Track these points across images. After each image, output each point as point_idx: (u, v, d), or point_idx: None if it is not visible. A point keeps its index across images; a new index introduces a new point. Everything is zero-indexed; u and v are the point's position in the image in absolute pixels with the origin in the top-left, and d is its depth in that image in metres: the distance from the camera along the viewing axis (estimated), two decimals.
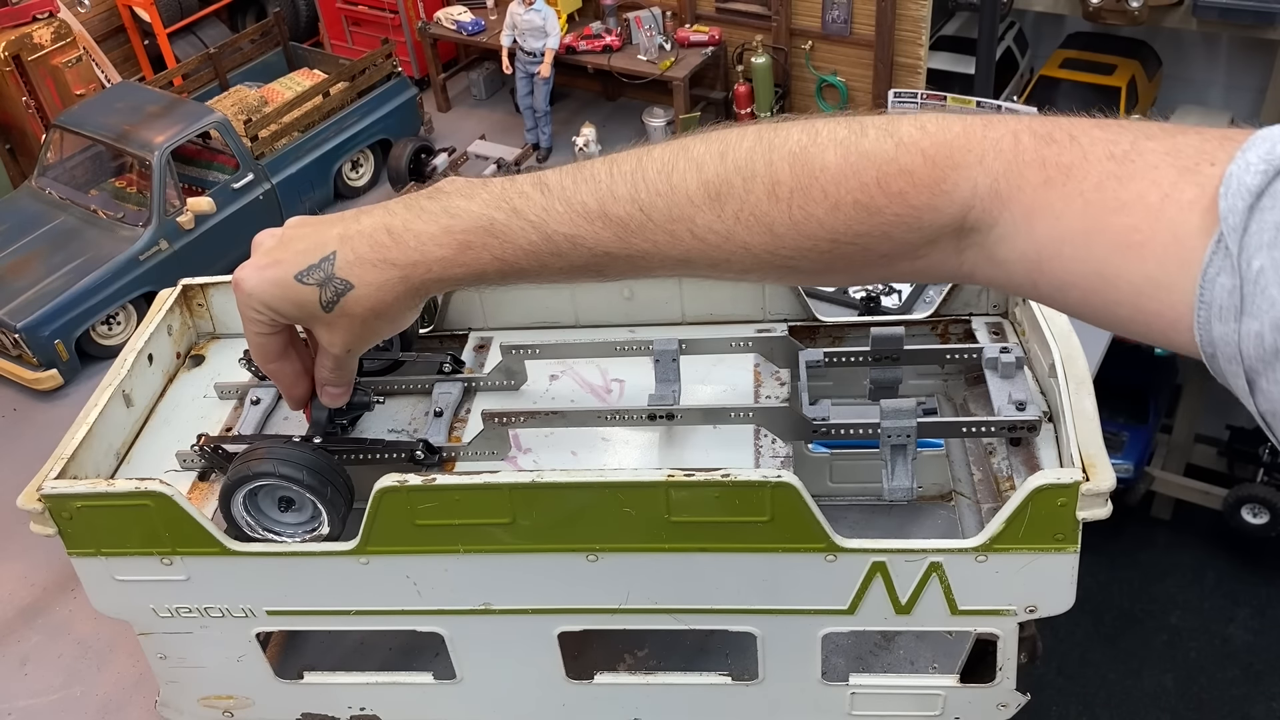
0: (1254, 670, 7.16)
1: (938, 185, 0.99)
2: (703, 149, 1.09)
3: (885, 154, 1.01)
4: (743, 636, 2.08)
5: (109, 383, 2.19)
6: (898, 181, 1.00)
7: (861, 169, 1.01)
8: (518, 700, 2.23)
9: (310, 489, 1.89)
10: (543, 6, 5.78)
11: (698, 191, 1.07)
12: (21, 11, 5.49)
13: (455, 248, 1.20)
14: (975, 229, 1.00)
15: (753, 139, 1.07)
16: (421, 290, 1.27)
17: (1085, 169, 0.92)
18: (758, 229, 1.06)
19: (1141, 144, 0.91)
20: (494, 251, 1.18)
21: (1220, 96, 6.93)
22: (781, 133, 1.06)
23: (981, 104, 5.47)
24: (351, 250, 1.26)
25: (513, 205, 1.16)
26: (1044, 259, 0.95)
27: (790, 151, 1.04)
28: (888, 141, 1.01)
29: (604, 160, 1.15)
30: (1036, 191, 0.94)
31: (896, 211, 1.01)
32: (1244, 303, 0.80)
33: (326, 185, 5.71)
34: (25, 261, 4.76)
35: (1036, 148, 0.95)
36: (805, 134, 1.05)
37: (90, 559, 2.01)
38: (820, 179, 1.02)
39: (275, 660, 2.31)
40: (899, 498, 1.97)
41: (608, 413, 2.10)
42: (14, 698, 3.05)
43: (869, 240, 1.03)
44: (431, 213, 1.21)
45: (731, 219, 1.07)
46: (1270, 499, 7.30)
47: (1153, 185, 0.88)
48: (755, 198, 1.05)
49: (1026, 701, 2.13)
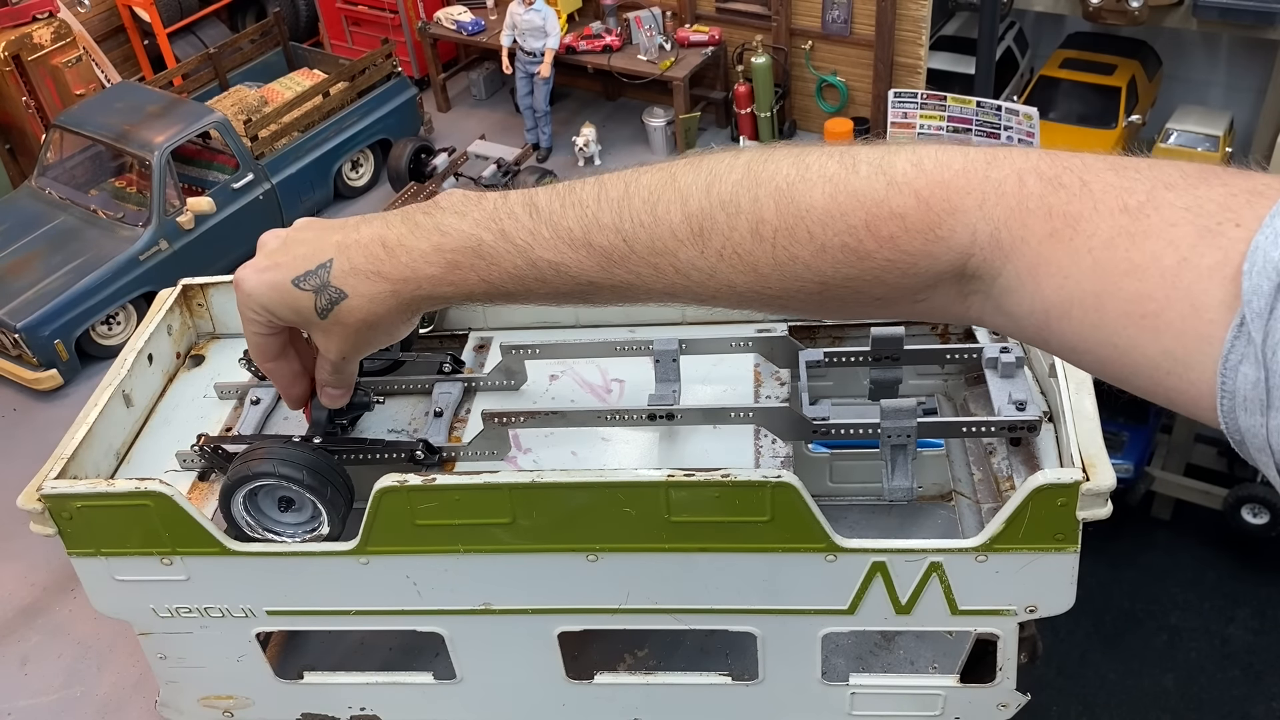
0: (1254, 670, 7.16)
1: (932, 230, 0.92)
2: (690, 179, 1.04)
3: (875, 195, 0.94)
4: (743, 636, 2.07)
5: (109, 383, 2.19)
6: (888, 225, 0.93)
7: (849, 211, 0.95)
8: (518, 700, 2.23)
9: (310, 489, 1.89)
10: (543, 6, 5.78)
11: (681, 226, 1.03)
12: (21, 11, 5.49)
13: (444, 266, 1.19)
14: (977, 277, 0.93)
15: (741, 171, 1.02)
16: (412, 305, 1.26)
17: (1095, 221, 0.84)
18: (741, 268, 1.01)
19: (1159, 195, 0.82)
20: (480, 273, 1.17)
21: (1220, 96, 6.94)
22: (770, 165, 1.00)
23: (982, 104, 5.47)
24: (348, 260, 1.26)
25: (501, 227, 1.14)
26: (1052, 319, 0.88)
27: (777, 187, 0.98)
28: (879, 180, 0.94)
29: (594, 182, 1.11)
30: (1042, 245, 0.87)
31: (888, 257, 0.94)
32: (1270, 395, 0.72)
33: (326, 185, 5.71)
34: (25, 261, 4.77)
35: (1043, 193, 0.87)
36: (794, 168, 0.99)
37: (90, 559, 2.01)
38: (806, 219, 0.96)
39: (275, 660, 2.31)
40: (899, 498, 1.97)
41: (608, 413, 2.10)
42: (14, 698, 3.05)
43: (859, 284, 0.98)
44: (425, 229, 1.20)
45: (714, 256, 1.02)
46: (1270, 499, 7.30)
47: (1169, 246, 0.79)
48: (739, 235, 1.00)
49: (1026, 701, 2.13)
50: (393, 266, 1.22)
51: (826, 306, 1.03)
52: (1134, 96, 6.53)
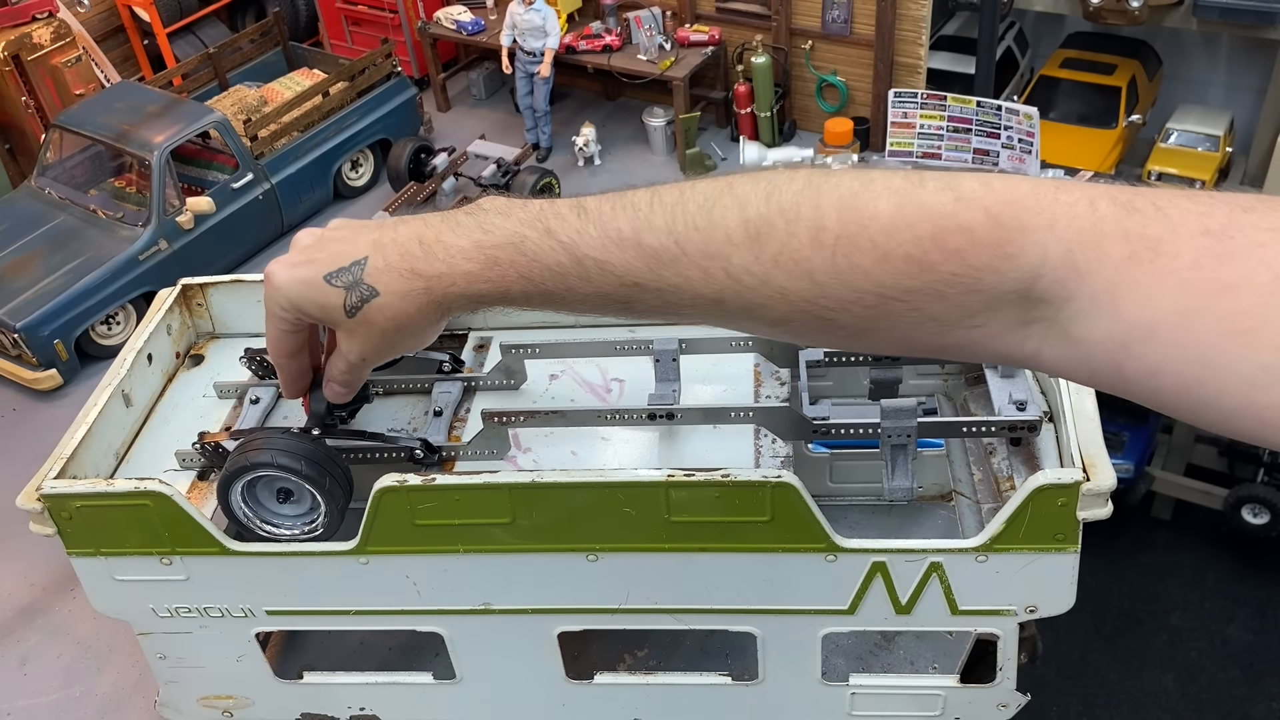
0: (1254, 670, 7.15)
1: (1001, 247, 0.91)
2: (748, 188, 1.03)
3: (943, 207, 0.94)
4: (743, 636, 2.07)
5: (108, 382, 2.19)
6: (956, 238, 0.93)
7: (916, 220, 0.94)
8: (518, 700, 2.23)
9: (309, 479, 1.88)
10: (543, 6, 5.77)
11: (737, 229, 1.02)
12: (21, 11, 5.49)
13: (483, 262, 1.17)
14: (1045, 300, 0.92)
15: (802, 182, 1.01)
16: (444, 305, 1.24)
17: (1176, 244, 0.84)
18: (797, 274, 0.99)
19: (1239, 218, 0.83)
20: (521, 269, 1.15)
21: (1220, 96, 6.93)
22: (833, 178, 1.00)
23: (982, 104, 5.47)
24: (382, 257, 1.25)
25: (546, 225, 1.13)
26: (1132, 342, 0.86)
27: (840, 196, 0.98)
28: (947, 195, 0.94)
29: (647, 190, 1.09)
30: (1120, 267, 0.86)
31: (953, 270, 0.93)
32: None
33: (326, 185, 5.71)
34: (25, 261, 4.76)
35: (1117, 217, 0.87)
36: (858, 181, 0.99)
37: (90, 559, 2.01)
38: (869, 227, 0.95)
39: (275, 660, 2.31)
40: (899, 498, 1.97)
41: (608, 412, 2.10)
42: (14, 698, 3.05)
43: (919, 298, 0.96)
44: (466, 227, 1.19)
45: (770, 261, 1.00)
46: (1270, 499, 7.30)
47: (1261, 265, 0.80)
48: (798, 241, 0.98)
49: (1026, 701, 2.13)
50: (428, 263, 1.21)
51: (877, 326, 1.00)
52: (1134, 96, 6.52)
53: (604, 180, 5.69)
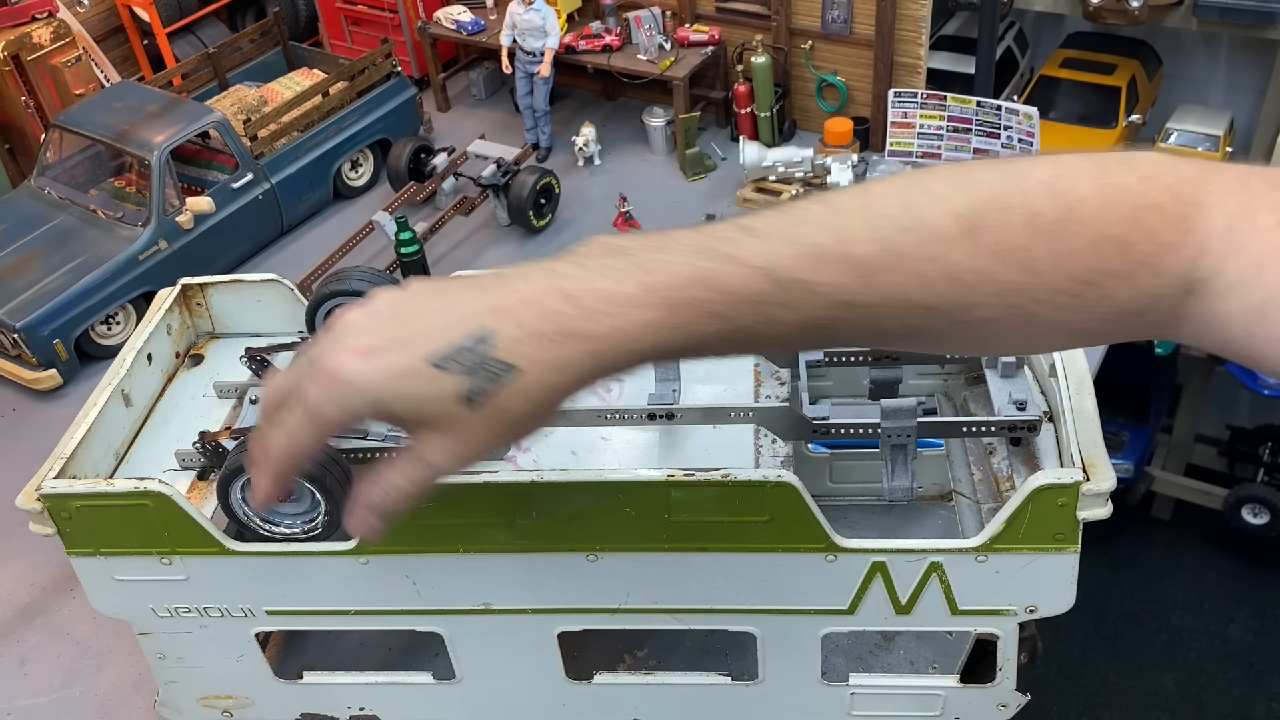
0: (1254, 670, 7.15)
1: (1183, 222, 0.93)
2: (938, 184, 0.98)
3: (1134, 186, 0.94)
4: (743, 636, 2.07)
5: (108, 382, 2.19)
6: (1149, 216, 0.93)
7: (1116, 202, 0.94)
8: (518, 700, 2.23)
9: (309, 478, 1.87)
10: (542, 6, 5.77)
11: (950, 224, 0.94)
12: (21, 11, 5.49)
13: (664, 307, 0.95)
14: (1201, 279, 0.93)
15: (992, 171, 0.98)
16: (611, 369, 0.98)
17: None
18: (1016, 265, 0.94)
19: None
20: (713, 308, 0.95)
21: (1220, 96, 6.93)
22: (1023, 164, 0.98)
23: (982, 104, 5.47)
24: (517, 325, 0.97)
25: (724, 252, 0.96)
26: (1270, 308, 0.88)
27: (1041, 181, 0.95)
28: (1131, 175, 0.95)
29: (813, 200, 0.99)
30: (1269, 235, 0.89)
31: (1147, 249, 0.93)
32: None
33: (326, 185, 5.71)
34: (24, 261, 4.76)
35: (1267, 191, 0.91)
36: (1050, 165, 0.97)
37: (89, 559, 2.01)
38: (1079, 209, 0.93)
39: (275, 660, 2.31)
40: (899, 498, 1.97)
41: (608, 413, 2.10)
42: (14, 698, 3.05)
43: (1113, 283, 0.94)
44: (619, 269, 0.96)
45: (987, 255, 0.94)
46: (1271, 499, 7.29)
47: None
48: (1013, 229, 0.93)
49: (1026, 701, 2.13)
50: (587, 320, 0.96)
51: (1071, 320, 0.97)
52: (1134, 96, 6.52)
53: (604, 180, 5.68)
